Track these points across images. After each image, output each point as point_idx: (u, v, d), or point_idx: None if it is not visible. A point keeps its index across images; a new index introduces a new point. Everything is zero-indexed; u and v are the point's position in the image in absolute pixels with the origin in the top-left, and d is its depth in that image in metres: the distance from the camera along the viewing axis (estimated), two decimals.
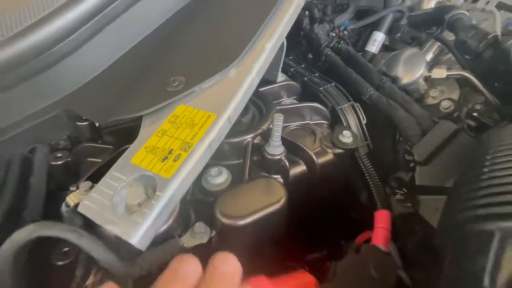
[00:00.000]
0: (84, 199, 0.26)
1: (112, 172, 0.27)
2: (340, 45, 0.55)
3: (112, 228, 0.23)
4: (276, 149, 0.33)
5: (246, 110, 0.38)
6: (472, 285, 0.19)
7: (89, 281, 0.31)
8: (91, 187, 0.28)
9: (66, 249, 0.33)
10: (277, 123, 0.32)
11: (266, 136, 0.35)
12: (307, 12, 0.58)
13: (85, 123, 0.39)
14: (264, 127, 0.36)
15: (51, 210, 0.33)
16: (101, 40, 0.38)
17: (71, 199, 0.28)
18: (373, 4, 0.59)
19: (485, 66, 0.42)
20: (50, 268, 0.32)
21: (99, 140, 0.40)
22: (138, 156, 0.28)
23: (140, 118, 0.32)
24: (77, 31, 0.36)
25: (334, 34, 0.58)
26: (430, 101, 0.48)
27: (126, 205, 0.26)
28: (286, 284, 0.27)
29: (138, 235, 0.23)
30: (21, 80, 0.36)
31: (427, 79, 0.48)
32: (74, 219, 0.28)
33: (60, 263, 0.32)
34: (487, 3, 0.48)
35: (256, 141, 0.36)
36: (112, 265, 0.24)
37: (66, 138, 0.41)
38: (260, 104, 0.40)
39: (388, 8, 0.56)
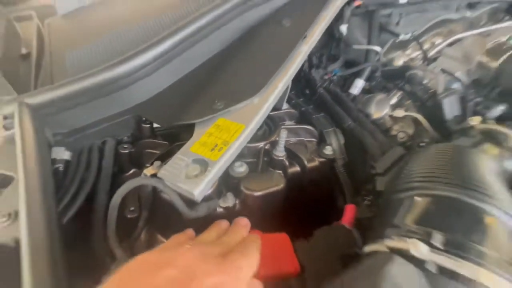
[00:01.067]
0: (161, 169, 0.41)
1: (178, 155, 0.43)
2: (330, 87, 0.74)
3: (182, 185, 0.39)
4: (280, 153, 0.50)
5: (261, 126, 0.55)
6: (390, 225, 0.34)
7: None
8: (160, 165, 0.44)
9: (132, 208, 0.48)
10: (282, 136, 0.49)
11: (274, 144, 0.52)
12: (307, 58, 0.77)
13: (147, 125, 0.55)
14: (273, 138, 0.53)
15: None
16: (166, 69, 0.55)
17: (148, 171, 0.44)
18: (357, 58, 0.78)
19: (428, 112, 0.60)
20: (123, 219, 0.47)
21: (155, 138, 0.56)
22: (195, 147, 0.44)
23: (187, 125, 0.49)
24: (152, 63, 0.53)
25: (326, 78, 0.76)
26: (392, 132, 0.65)
27: (187, 175, 0.41)
28: (271, 237, 0.42)
29: (197, 191, 0.39)
30: (109, 93, 0.53)
31: (391, 116, 0.66)
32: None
33: (129, 216, 0.47)
34: (435, 67, 0.67)
35: (266, 147, 0.52)
36: (182, 208, 0.39)
37: (129, 135, 0.57)
38: (270, 123, 0.57)
39: (368, 62, 0.75)
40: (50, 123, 0.51)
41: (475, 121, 0.51)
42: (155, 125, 0.57)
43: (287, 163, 0.51)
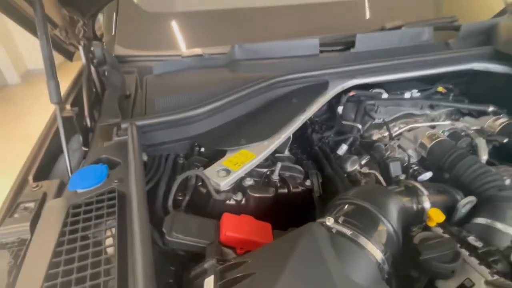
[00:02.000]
0: (206, 169, 0.73)
1: (215, 164, 0.75)
2: (323, 146, 1.05)
3: (215, 179, 0.70)
4: (275, 177, 0.80)
5: (267, 159, 0.86)
6: None
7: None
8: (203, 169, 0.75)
9: (180, 194, 0.78)
10: (278, 166, 0.79)
11: (273, 172, 0.82)
12: (309, 123, 1.10)
13: (197, 149, 0.88)
14: (273, 168, 0.83)
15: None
16: (214, 118, 0.90)
17: (197, 171, 0.75)
18: (346, 130, 1.09)
19: (382, 170, 0.89)
20: (174, 199, 0.76)
21: (200, 156, 0.88)
22: (225, 162, 0.75)
23: (223, 151, 0.81)
24: (207, 113, 0.88)
25: (322, 140, 1.08)
26: (361, 182, 0.93)
27: (218, 175, 0.72)
28: (260, 223, 0.70)
29: (222, 184, 0.69)
30: (179, 126, 0.87)
31: (359, 172, 0.94)
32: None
33: (178, 197, 0.77)
34: (394, 143, 0.97)
35: (268, 173, 0.82)
36: (212, 189, 0.69)
37: (185, 153, 0.90)
38: (273, 159, 0.87)
39: (351, 134, 1.06)
40: (142, 137, 0.85)
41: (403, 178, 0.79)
42: (202, 149, 0.89)
43: (278, 185, 0.80)
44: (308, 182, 0.84)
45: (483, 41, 1.23)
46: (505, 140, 0.90)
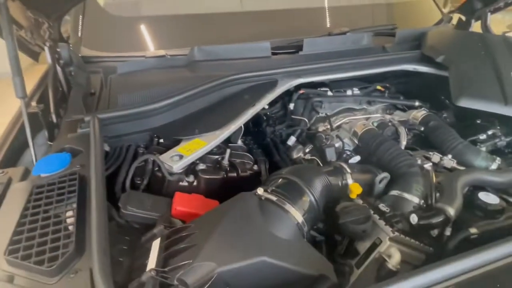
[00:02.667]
0: (161, 155, 0.82)
1: (169, 152, 0.84)
2: (274, 138, 1.17)
3: (168, 163, 0.79)
4: (225, 162, 0.90)
5: (219, 148, 0.97)
6: None
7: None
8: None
9: (139, 178, 0.87)
10: (227, 152, 0.90)
11: (224, 158, 0.93)
12: (265, 118, 1.22)
13: (156, 139, 0.97)
14: (224, 156, 0.94)
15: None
16: (173, 111, 1.00)
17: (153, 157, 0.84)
18: (295, 124, 1.22)
19: (320, 156, 1.02)
20: (133, 183, 0.85)
21: (158, 145, 0.97)
22: (179, 149, 0.85)
23: (179, 140, 0.91)
24: (166, 107, 0.97)
25: (274, 132, 1.20)
26: None
27: (172, 160, 0.82)
28: (208, 200, 0.80)
29: (175, 167, 0.79)
30: (140, 119, 0.96)
31: (303, 158, 1.07)
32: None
33: (137, 181, 0.86)
34: (333, 133, 1.11)
35: (219, 159, 0.93)
36: (165, 172, 0.79)
37: (144, 144, 0.98)
38: (225, 147, 0.98)
39: (299, 127, 1.19)
40: (104, 129, 0.94)
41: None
42: (161, 140, 0.98)
43: (228, 169, 0.91)
44: (255, 167, 0.96)
45: (415, 46, 1.41)
46: (422, 128, 1.07)
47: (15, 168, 0.79)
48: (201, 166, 0.88)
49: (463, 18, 1.80)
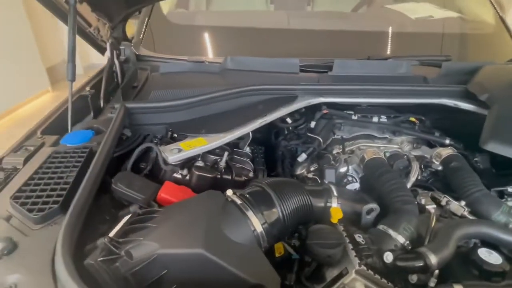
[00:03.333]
0: (164, 147, 0.91)
1: (171, 145, 0.93)
2: (285, 152, 1.18)
3: (166, 154, 0.88)
4: (222, 164, 0.95)
5: (223, 151, 1.02)
6: None
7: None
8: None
9: (144, 163, 0.97)
10: (225, 155, 0.95)
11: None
12: (286, 132, 1.24)
13: (170, 133, 1.07)
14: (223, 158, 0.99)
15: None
16: (189, 111, 1.09)
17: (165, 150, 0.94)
18: (311, 142, 1.21)
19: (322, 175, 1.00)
20: (139, 168, 0.96)
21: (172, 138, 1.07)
22: (183, 144, 0.93)
23: (184, 135, 0.99)
24: (183, 106, 1.07)
25: (287, 147, 1.21)
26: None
27: (171, 152, 0.90)
28: (192, 194, 0.85)
29: (171, 158, 0.87)
30: (159, 112, 1.08)
31: (305, 176, 1.06)
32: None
33: (141, 166, 0.96)
34: (341, 157, 1.08)
35: (218, 160, 0.98)
36: (161, 161, 0.87)
37: (160, 136, 1.09)
38: (229, 150, 1.04)
39: (313, 145, 1.18)
40: (130, 118, 1.07)
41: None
42: (175, 135, 1.08)
43: (223, 170, 0.96)
44: (251, 175, 0.99)
45: (463, 81, 1.29)
46: (439, 168, 0.97)
47: (51, 136, 0.96)
48: (199, 163, 0.95)
49: None
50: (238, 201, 0.69)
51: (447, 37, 1.79)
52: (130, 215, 0.69)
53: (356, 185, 0.96)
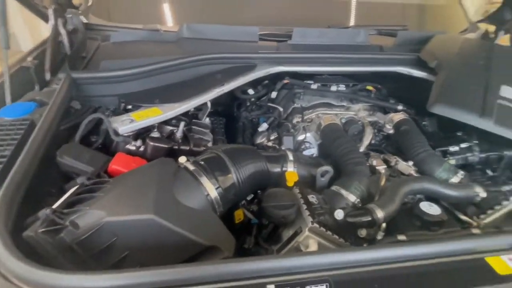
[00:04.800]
0: (115, 118, 0.87)
1: (123, 115, 0.89)
2: (246, 122, 1.18)
3: (116, 125, 0.83)
4: (178, 134, 0.93)
5: (179, 121, 0.99)
6: None
7: None
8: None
9: (95, 136, 0.92)
10: (181, 125, 0.93)
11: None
12: (247, 103, 1.23)
13: (123, 105, 1.02)
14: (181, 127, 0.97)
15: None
16: (143, 81, 1.04)
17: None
18: (272, 112, 1.22)
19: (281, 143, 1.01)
20: (90, 141, 0.91)
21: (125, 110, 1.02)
22: (133, 114, 0.89)
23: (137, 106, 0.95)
24: (136, 75, 1.02)
25: (247, 117, 1.21)
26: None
27: (122, 123, 0.86)
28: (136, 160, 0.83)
29: (121, 129, 0.83)
30: (110, 83, 1.02)
31: (266, 144, 1.07)
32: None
33: (92, 139, 0.91)
34: (300, 125, 1.09)
35: (174, 130, 0.96)
36: (112, 132, 0.83)
37: (113, 108, 1.04)
38: (186, 121, 1.01)
39: (273, 115, 1.18)
40: (78, 90, 1.00)
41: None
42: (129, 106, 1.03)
43: (180, 141, 0.93)
44: (210, 144, 0.97)
45: (416, 50, 1.33)
46: (391, 132, 1.02)
47: None
48: (154, 134, 0.92)
49: (491, 29, 1.66)
50: (191, 167, 0.68)
51: (405, 7, 1.83)
52: (77, 186, 0.66)
53: (313, 151, 0.99)
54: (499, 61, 1.13)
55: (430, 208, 0.76)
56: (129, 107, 1.02)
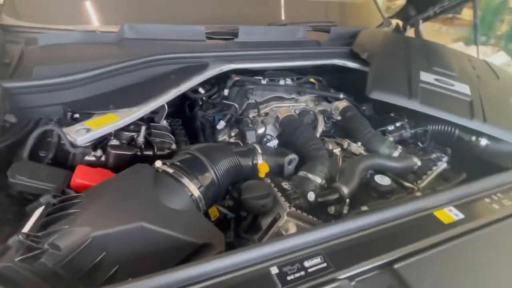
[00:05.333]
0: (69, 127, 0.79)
1: (76, 125, 0.82)
2: (204, 122, 1.18)
3: (73, 135, 0.77)
4: (140, 140, 0.89)
5: (138, 126, 0.95)
6: None
7: None
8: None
9: (44, 151, 0.83)
10: (142, 129, 0.89)
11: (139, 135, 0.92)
12: (200, 103, 1.22)
13: (70, 114, 0.93)
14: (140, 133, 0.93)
15: None
16: (87, 87, 0.96)
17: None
18: (227, 109, 1.24)
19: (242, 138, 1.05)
20: (38, 156, 0.81)
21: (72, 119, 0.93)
22: (88, 123, 0.83)
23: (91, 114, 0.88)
24: (80, 81, 0.94)
25: (204, 116, 1.21)
26: None
27: (78, 133, 0.79)
28: (112, 175, 0.79)
29: (79, 139, 0.77)
30: (51, 91, 0.92)
31: (228, 142, 1.09)
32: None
33: (41, 154, 0.82)
34: (259, 119, 1.15)
35: (135, 136, 0.92)
36: (67, 143, 0.76)
37: (57, 118, 0.94)
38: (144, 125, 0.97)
39: (229, 112, 1.21)
40: (11, 100, 0.88)
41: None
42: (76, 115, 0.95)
43: (143, 146, 0.90)
44: (174, 147, 0.96)
45: (348, 43, 1.49)
46: (339, 118, 1.14)
47: None
48: (113, 142, 0.87)
49: (400, 23, 1.94)
50: (170, 170, 0.68)
51: (328, 5, 2.01)
52: (43, 207, 0.60)
53: (275, 142, 1.05)
54: (414, 51, 1.34)
55: (383, 180, 0.88)
56: (76, 116, 0.94)
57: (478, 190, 0.77)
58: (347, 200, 0.84)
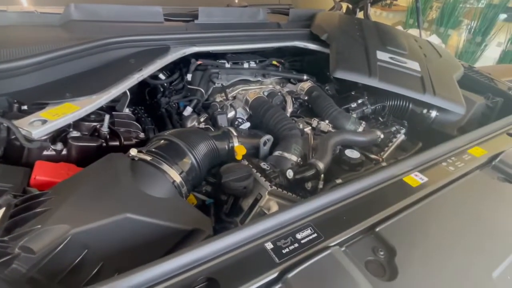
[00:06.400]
0: (19, 120, 0.70)
1: (28, 117, 0.72)
2: (169, 109, 1.12)
3: (27, 128, 0.68)
4: (104, 129, 0.83)
5: (100, 116, 0.88)
6: None
7: None
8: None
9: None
10: (106, 118, 0.82)
11: (102, 125, 0.84)
12: (161, 89, 1.16)
13: (17, 105, 0.82)
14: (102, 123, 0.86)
15: None
16: (36, 74, 0.86)
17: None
18: (192, 94, 1.20)
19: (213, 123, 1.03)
20: None
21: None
22: (43, 114, 0.74)
23: (42, 105, 0.79)
24: (27, 67, 0.83)
25: (169, 103, 1.15)
26: None
27: (32, 125, 0.70)
28: (77, 169, 0.72)
29: (34, 132, 0.68)
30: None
31: (198, 127, 1.06)
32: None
33: None
34: (228, 102, 1.13)
35: (98, 126, 0.84)
36: (21, 138, 0.68)
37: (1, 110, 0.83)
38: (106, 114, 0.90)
39: (195, 97, 1.17)
40: None
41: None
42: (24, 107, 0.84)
43: (108, 137, 0.83)
44: (142, 135, 0.90)
45: (307, 25, 1.52)
46: (306, 98, 1.17)
47: None
48: (74, 134, 0.79)
49: (350, 6, 2.02)
50: (148, 158, 0.64)
51: None
52: (3, 209, 0.53)
53: (247, 125, 1.04)
54: (368, 32, 1.41)
55: (353, 154, 0.93)
56: (24, 107, 0.84)
57: (435, 155, 0.85)
58: (322, 176, 0.87)
